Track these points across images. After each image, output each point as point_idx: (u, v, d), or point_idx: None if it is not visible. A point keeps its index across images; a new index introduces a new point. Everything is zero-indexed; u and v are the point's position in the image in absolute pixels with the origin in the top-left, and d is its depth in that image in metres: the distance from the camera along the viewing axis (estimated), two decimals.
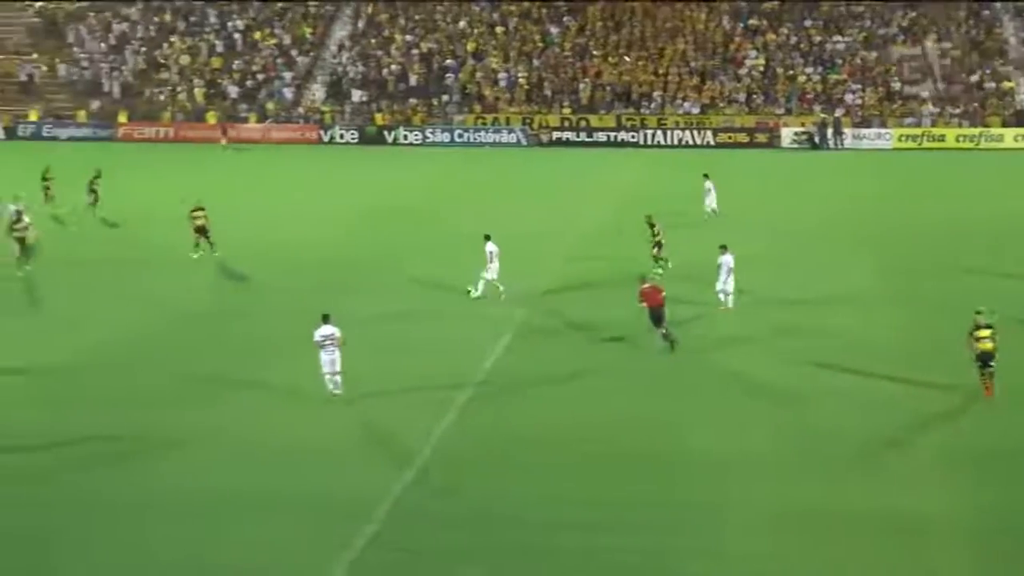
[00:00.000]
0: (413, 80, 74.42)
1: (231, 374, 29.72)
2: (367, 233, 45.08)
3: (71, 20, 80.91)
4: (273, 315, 34.35)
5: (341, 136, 71.43)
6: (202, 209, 41.25)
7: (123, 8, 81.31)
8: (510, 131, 70.77)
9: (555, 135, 70.47)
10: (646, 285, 30.79)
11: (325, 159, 65.97)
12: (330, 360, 27.73)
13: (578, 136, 70.35)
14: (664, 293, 30.80)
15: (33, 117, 73.83)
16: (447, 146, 69.77)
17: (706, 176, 47.94)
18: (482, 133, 70.86)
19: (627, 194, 51.47)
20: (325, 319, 27.84)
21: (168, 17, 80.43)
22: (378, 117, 72.36)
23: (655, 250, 37.85)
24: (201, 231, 40.91)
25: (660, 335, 30.66)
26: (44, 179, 49.32)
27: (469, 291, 35.51)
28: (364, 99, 73.76)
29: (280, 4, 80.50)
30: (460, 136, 70.84)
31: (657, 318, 30.48)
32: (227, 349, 31.89)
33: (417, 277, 38.29)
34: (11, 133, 72.63)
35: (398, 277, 38.26)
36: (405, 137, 70.95)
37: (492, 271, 35.30)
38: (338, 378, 27.87)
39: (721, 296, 34.08)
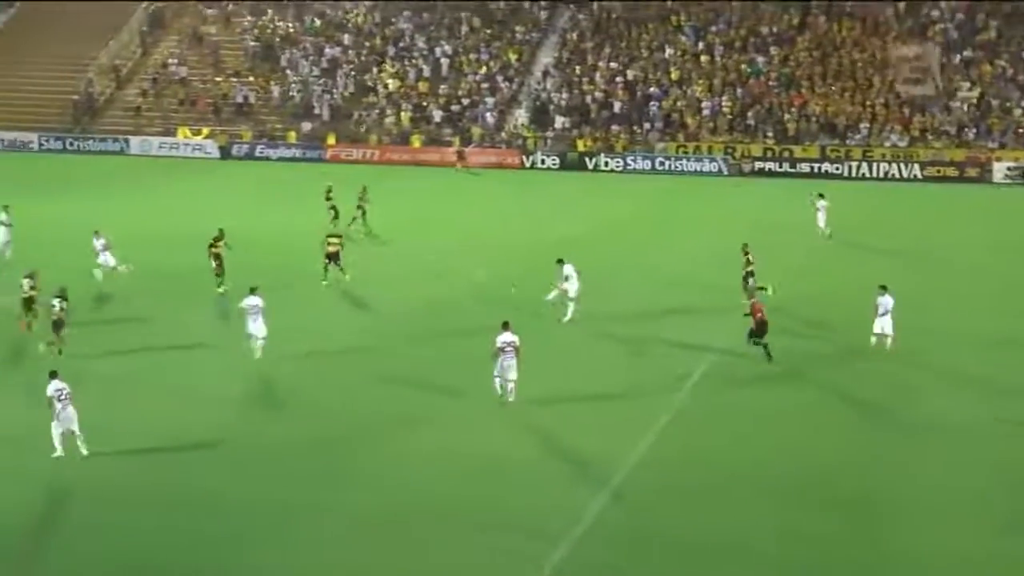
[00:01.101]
0: (616, 107, 74.58)
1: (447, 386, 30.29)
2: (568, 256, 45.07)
3: (286, 44, 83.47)
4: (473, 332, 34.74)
5: (542, 162, 71.93)
6: (338, 236, 41.44)
7: (336, 33, 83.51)
8: (711, 160, 70.29)
9: (757, 165, 69.70)
10: (754, 300, 33.25)
11: (527, 184, 66.37)
12: (507, 366, 28.51)
13: (780, 167, 69.40)
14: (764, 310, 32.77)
15: (247, 137, 76.34)
16: (648, 173, 69.56)
17: (821, 195, 48.95)
18: (684, 161, 70.54)
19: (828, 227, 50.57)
20: (504, 326, 28.77)
21: (378, 42, 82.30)
22: (580, 143, 72.67)
23: (748, 279, 37.78)
24: (333, 257, 40.67)
25: (761, 346, 32.51)
26: (328, 198, 49.79)
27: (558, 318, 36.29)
28: (567, 125, 74.18)
29: (488, 31, 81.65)
30: (661, 164, 70.63)
31: (760, 331, 32.45)
32: (444, 364, 32.52)
33: (614, 300, 38.52)
34: (226, 152, 75.21)
35: (597, 302, 38.35)
36: (606, 164, 71.08)
37: (572, 291, 36.30)
38: (511, 385, 28.59)
39: (874, 338, 33.59)
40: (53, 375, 26.11)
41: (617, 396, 30.08)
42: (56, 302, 33.37)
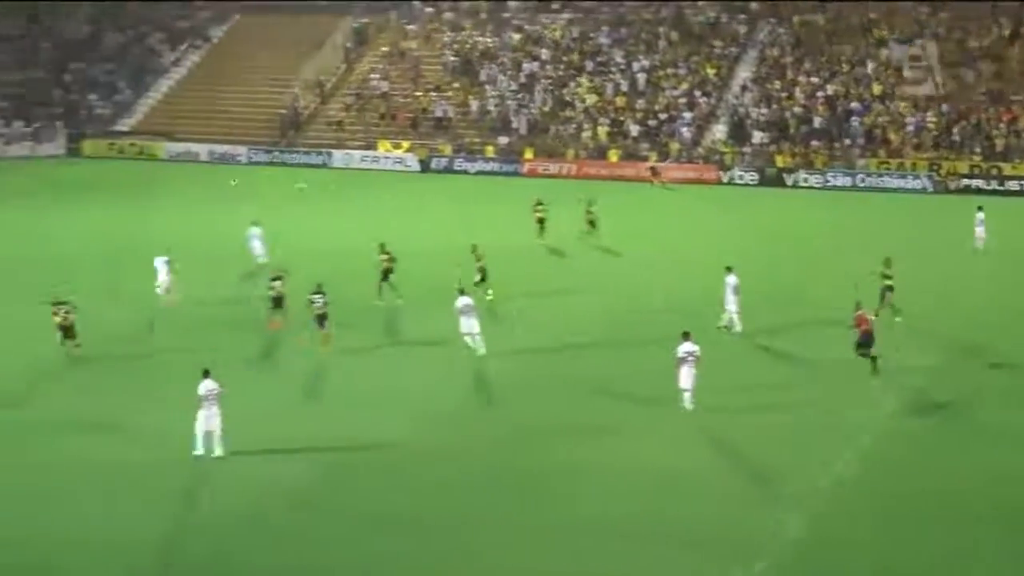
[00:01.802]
0: (816, 122, 73.36)
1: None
2: (765, 273, 44.54)
3: (485, 59, 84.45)
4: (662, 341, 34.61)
5: (740, 177, 71.17)
6: (476, 252, 40.99)
7: (534, 48, 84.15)
8: (915, 177, 68.52)
9: (964, 182, 67.64)
10: (860, 312, 32.67)
11: (724, 199, 65.72)
12: (689, 374, 28.95)
13: (988, 184, 67.20)
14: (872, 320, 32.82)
15: (446, 151, 77.44)
16: (848, 190, 68.17)
17: (979, 208, 48.89)
18: (886, 178, 68.96)
19: None
20: (685, 336, 29.24)
21: (576, 57, 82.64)
22: (779, 159, 71.68)
23: (886, 294, 37.48)
24: (481, 271, 40.20)
25: (868, 357, 32.14)
26: (537, 209, 50.30)
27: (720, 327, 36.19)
28: (765, 141, 73.28)
29: (686, 46, 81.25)
30: (862, 181, 69.19)
31: (867, 343, 32.12)
32: (631, 373, 32.53)
33: (807, 311, 37.96)
34: (425, 166, 76.44)
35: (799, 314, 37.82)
36: (805, 180, 69.94)
37: (732, 303, 36.23)
38: (687, 394, 29.03)
39: None
40: (206, 374, 26.65)
41: (809, 409, 29.70)
42: (317, 298, 34.57)
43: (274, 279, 36.76)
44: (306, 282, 36.24)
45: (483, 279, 39.67)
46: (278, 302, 36.30)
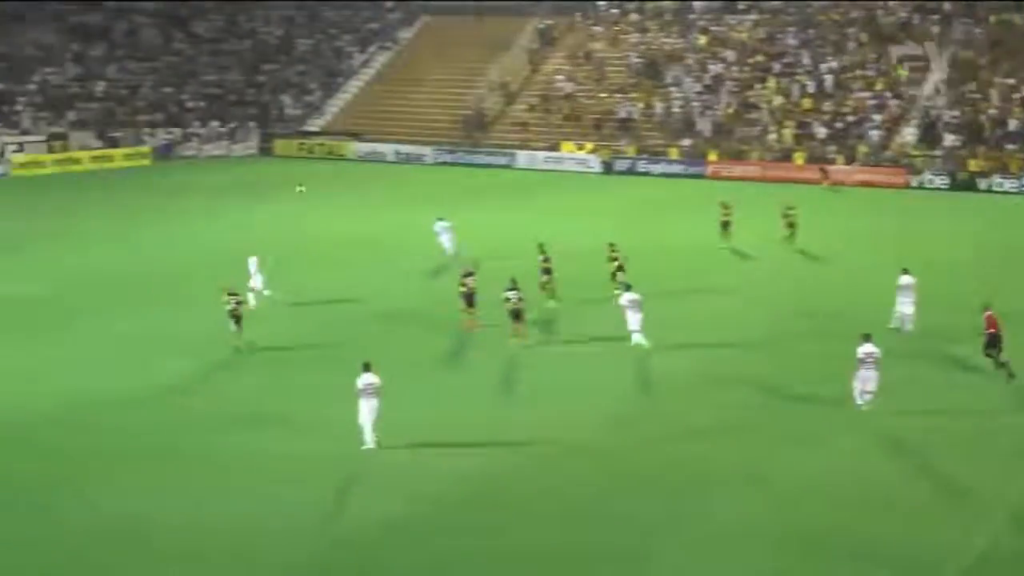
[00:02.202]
0: (1012, 125, 71.07)
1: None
2: (947, 277, 43.34)
3: (669, 61, 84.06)
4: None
5: (931, 182, 69.38)
6: (612, 249, 40.73)
7: (720, 51, 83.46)
8: None
9: None
10: (988, 313, 31.68)
11: (913, 204, 64.12)
12: (867, 377, 28.64)
13: None
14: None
15: (629, 153, 77.32)
16: None
17: None
18: None
19: None
20: (865, 338, 28.91)
21: (762, 58, 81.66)
22: (972, 163, 69.65)
23: None
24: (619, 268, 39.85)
25: (998, 361, 31.29)
26: (724, 211, 50.18)
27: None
28: (957, 144, 71.28)
29: (876, 47, 79.62)
30: None
31: (993, 344, 31.34)
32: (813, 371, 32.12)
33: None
34: (608, 168, 76.45)
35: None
36: (1000, 184, 67.82)
37: (906, 304, 35.95)
38: (868, 396, 28.69)
39: None
40: (366, 368, 26.83)
41: (988, 415, 28.86)
42: (511, 294, 34.98)
43: (466, 275, 36.92)
44: (494, 280, 36.69)
45: (617, 273, 39.59)
46: (469, 299, 36.56)
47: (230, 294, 34.17)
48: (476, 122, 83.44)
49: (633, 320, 34.14)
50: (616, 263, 39.77)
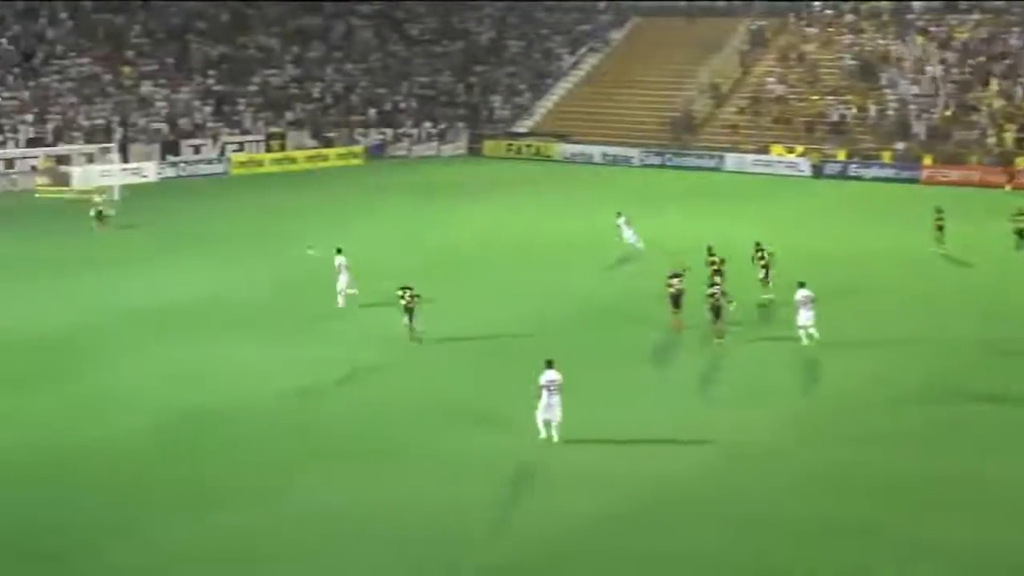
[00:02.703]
0: None
1: None
2: None
3: (885, 62, 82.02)
4: None
5: None
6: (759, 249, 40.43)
7: (939, 51, 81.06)
8: None
9: None
10: None
11: None
12: None
13: None
14: None
15: (840, 156, 75.71)
16: None
17: None
18: None
19: None
20: None
21: (984, 60, 78.99)
22: None
23: None
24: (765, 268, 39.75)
25: None
26: (937, 216, 49.19)
27: None
28: None
29: None
30: None
31: None
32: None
33: None
34: (818, 171, 74.99)
35: None
36: None
37: None
38: None
39: None
40: (549, 364, 27.02)
41: None
42: (715, 289, 35.37)
43: (672, 276, 37.09)
44: (702, 282, 36.87)
45: (766, 276, 39.59)
46: (676, 300, 36.68)
47: (403, 288, 35.05)
48: (685, 124, 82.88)
49: (804, 316, 34.28)
50: (763, 263, 39.80)
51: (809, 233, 53.48)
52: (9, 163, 67.38)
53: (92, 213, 53.71)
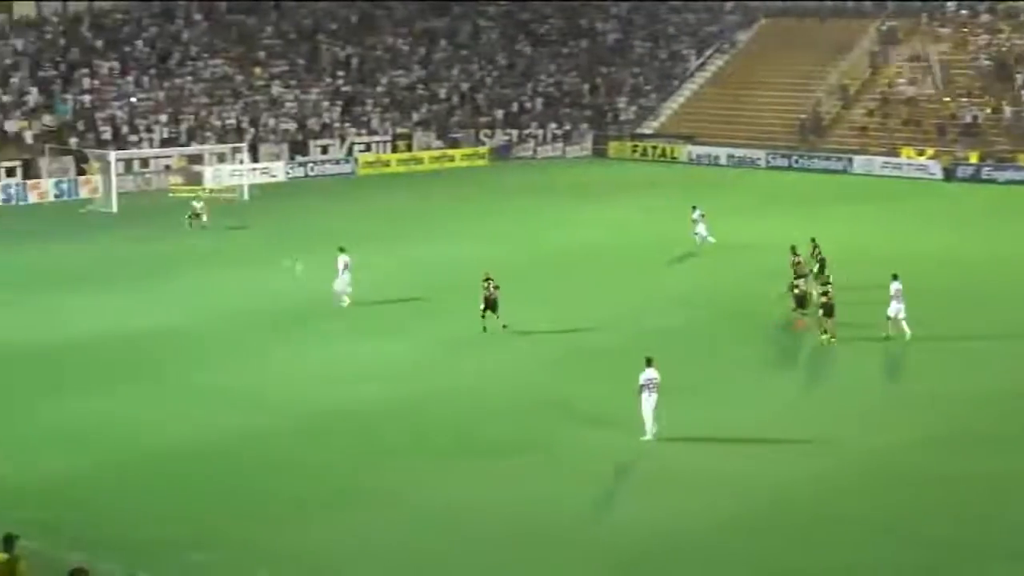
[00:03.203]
0: None
1: None
2: None
3: (1021, 63, 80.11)
4: None
5: None
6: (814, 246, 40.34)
7: None
8: None
9: None
10: None
11: None
12: None
13: None
14: None
15: (973, 159, 74.14)
16: None
17: None
18: None
19: None
20: None
21: None
22: None
23: None
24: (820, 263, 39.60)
25: None
26: None
27: None
28: None
29: None
30: None
31: None
32: None
33: None
34: (949, 174, 73.51)
35: None
36: None
37: None
38: None
39: None
40: (648, 363, 27.24)
41: None
42: (829, 288, 35.75)
43: (798, 277, 37.57)
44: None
45: (821, 270, 39.26)
46: (801, 301, 36.99)
47: (486, 279, 36.08)
48: (813, 126, 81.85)
49: (895, 308, 34.95)
50: (819, 258, 39.97)
51: (938, 237, 52.60)
52: (144, 162, 68.96)
53: (188, 214, 55.34)
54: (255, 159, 71.95)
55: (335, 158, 77.00)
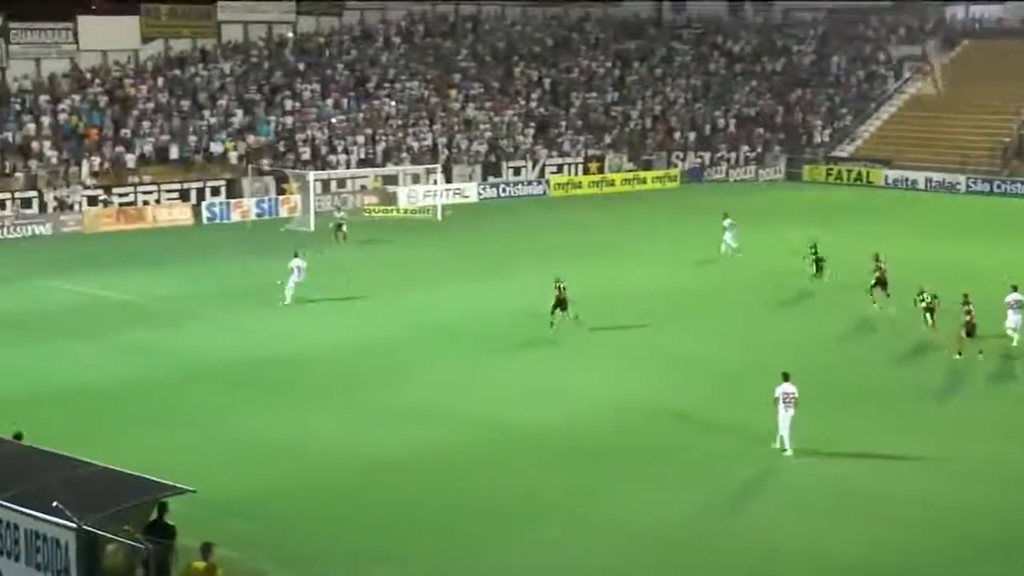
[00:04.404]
0: None
1: None
2: None
3: None
4: None
5: None
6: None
7: None
8: None
9: None
10: None
11: None
12: None
13: None
14: None
15: None
16: None
17: None
18: None
19: None
20: None
21: None
22: None
23: None
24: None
25: None
26: None
27: None
28: None
29: None
30: None
31: None
32: None
33: None
34: None
35: None
36: None
37: None
38: None
39: None
40: (785, 377, 27.72)
41: None
42: (971, 308, 36.43)
43: (921, 293, 38.97)
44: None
45: (882, 284, 42.43)
46: (930, 311, 38.37)
47: (557, 281, 39.24)
48: (1017, 151, 79.42)
49: (1012, 319, 36.88)
50: (878, 274, 42.45)
51: None
52: (341, 182, 70.79)
53: (331, 225, 57.93)
54: (448, 180, 73.21)
55: (527, 179, 77.83)
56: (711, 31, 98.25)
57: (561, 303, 39.03)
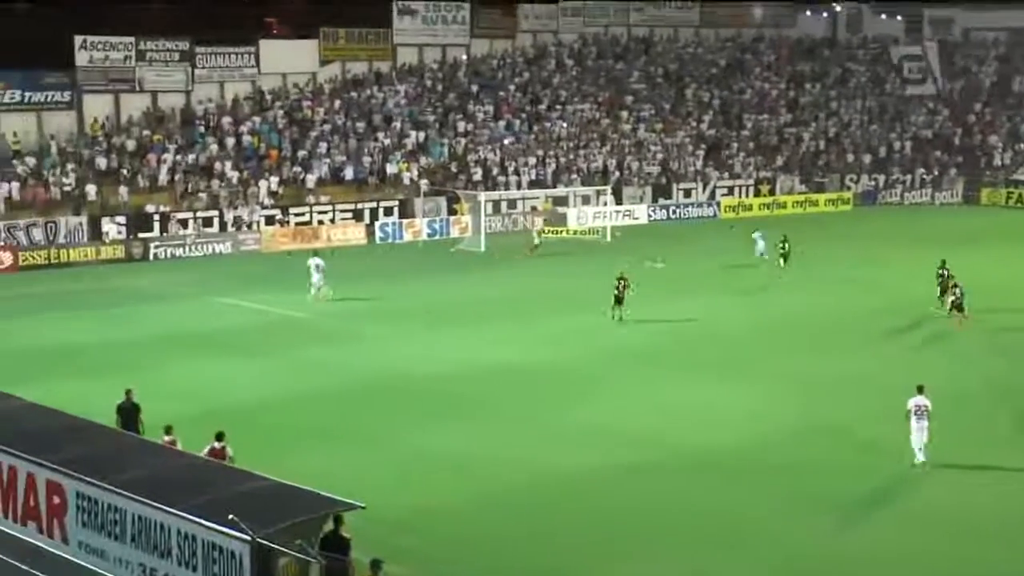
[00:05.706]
0: None
1: None
2: None
3: None
4: None
5: None
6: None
7: None
8: None
9: None
10: None
11: None
12: None
13: None
14: None
15: None
16: None
17: None
18: None
19: None
20: None
21: None
22: None
23: None
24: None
25: None
26: None
27: None
28: None
29: None
30: None
31: None
32: None
33: None
34: None
35: None
36: None
37: None
38: None
39: None
40: (919, 390, 27.85)
41: None
42: None
43: (943, 293, 43.16)
44: None
45: (942, 293, 44.84)
46: (957, 306, 42.21)
47: (619, 277, 43.83)
48: None
49: None
50: (940, 285, 44.89)
51: None
52: (511, 203, 71.47)
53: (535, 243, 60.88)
54: (618, 201, 73.33)
55: (697, 201, 77.49)
56: (886, 51, 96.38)
57: (619, 299, 43.62)
